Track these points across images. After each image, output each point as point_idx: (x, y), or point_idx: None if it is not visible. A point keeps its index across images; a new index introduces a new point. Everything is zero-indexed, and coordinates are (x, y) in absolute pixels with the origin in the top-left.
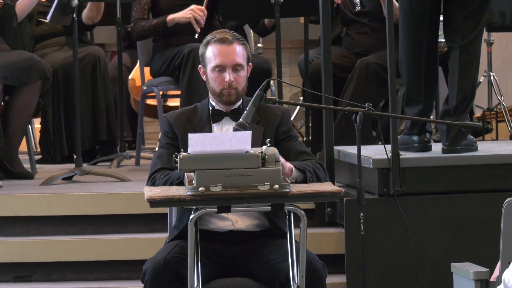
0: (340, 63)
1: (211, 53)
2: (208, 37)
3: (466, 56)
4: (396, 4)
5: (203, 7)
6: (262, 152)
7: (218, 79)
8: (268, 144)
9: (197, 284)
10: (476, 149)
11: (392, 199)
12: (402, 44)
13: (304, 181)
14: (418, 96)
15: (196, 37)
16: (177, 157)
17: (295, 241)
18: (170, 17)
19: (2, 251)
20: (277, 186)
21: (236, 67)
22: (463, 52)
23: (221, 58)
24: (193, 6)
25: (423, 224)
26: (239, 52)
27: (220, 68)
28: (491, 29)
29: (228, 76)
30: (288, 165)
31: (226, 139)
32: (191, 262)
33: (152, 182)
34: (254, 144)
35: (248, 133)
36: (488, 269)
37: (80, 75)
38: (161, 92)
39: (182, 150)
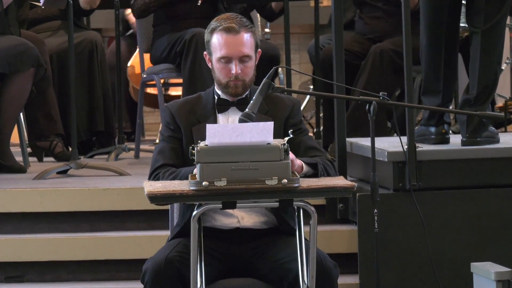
0: (353, 49)
1: (217, 42)
2: (213, 23)
3: (488, 41)
4: None
5: None
6: (284, 144)
7: (224, 70)
8: (291, 136)
9: (200, 285)
10: (497, 141)
11: (408, 194)
12: (422, 29)
13: (315, 175)
14: (437, 85)
15: (198, 3)
16: (194, 150)
17: (305, 239)
18: None
19: None
20: (285, 180)
21: (243, 58)
22: (485, 37)
23: (227, 49)
24: None
25: (441, 221)
26: (246, 41)
27: (226, 60)
28: None
29: (234, 68)
30: (298, 162)
31: (246, 130)
32: (194, 262)
33: (154, 179)
34: None
35: (270, 124)
36: (510, 269)
37: (76, 62)
38: (162, 80)
39: (199, 142)
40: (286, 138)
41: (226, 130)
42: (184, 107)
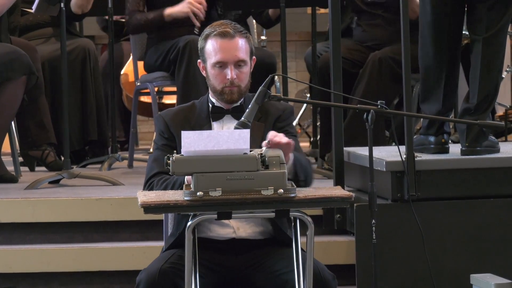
0: (351, 57)
1: (211, 48)
2: (207, 30)
3: (489, 49)
4: (417, 1)
5: None
6: (261, 154)
7: (219, 76)
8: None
9: None
10: (498, 151)
11: (406, 204)
12: (421, 36)
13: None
14: (436, 93)
15: (195, 31)
16: (169, 159)
17: (302, 250)
18: (168, 11)
19: None
20: (281, 190)
21: (238, 63)
22: (487, 45)
23: (222, 54)
24: None
25: (440, 231)
26: (241, 46)
27: (221, 65)
28: None
29: (230, 73)
30: (292, 142)
31: (222, 138)
32: (188, 273)
33: (149, 188)
34: (253, 143)
35: (247, 132)
36: (510, 281)
37: (68, 69)
38: (156, 89)
39: (175, 152)
40: (264, 148)
41: (202, 138)
42: (178, 116)
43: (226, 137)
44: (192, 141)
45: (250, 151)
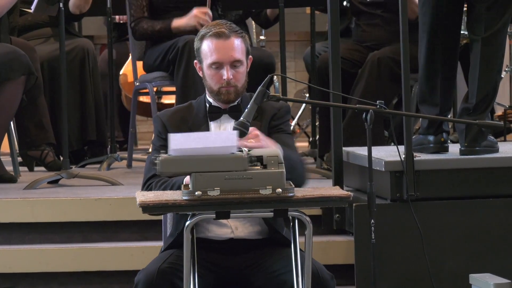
0: (350, 57)
1: (207, 49)
2: (203, 30)
3: (489, 49)
4: (416, 1)
5: (206, 9)
6: (249, 154)
7: (215, 76)
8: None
9: None
10: (497, 151)
11: (405, 204)
12: (420, 36)
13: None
14: (432, 95)
15: None
16: (156, 160)
17: (300, 250)
18: (175, 24)
19: None
20: (280, 190)
21: (234, 63)
22: (486, 45)
23: (217, 54)
24: (195, 11)
25: (439, 231)
26: (237, 46)
27: (217, 65)
28: None
29: (226, 73)
30: (269, 142)
31: (210, 140)
32: (187, 273)
33: (147, 189)
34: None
35: (234, 133)
36: (509, 281)
37: (67, 69)
38: (155, 89)
39: (161, 152)
40: (245, 149)
41: (189, 140)
42: (175, 116)
43: (214, 138)
44: (179, 142)
45: (249, 150)
